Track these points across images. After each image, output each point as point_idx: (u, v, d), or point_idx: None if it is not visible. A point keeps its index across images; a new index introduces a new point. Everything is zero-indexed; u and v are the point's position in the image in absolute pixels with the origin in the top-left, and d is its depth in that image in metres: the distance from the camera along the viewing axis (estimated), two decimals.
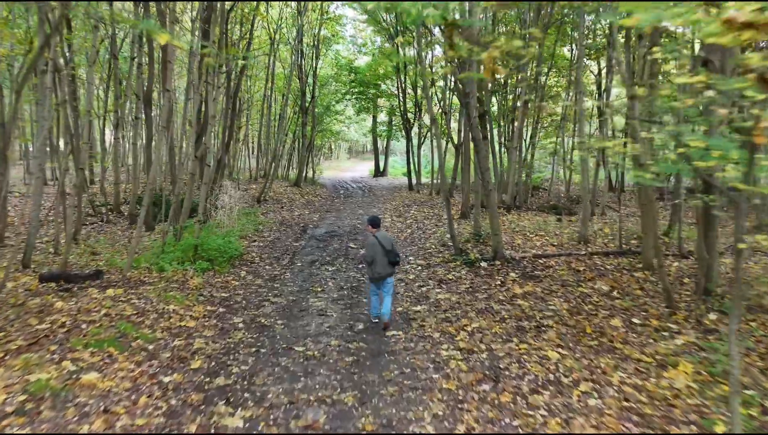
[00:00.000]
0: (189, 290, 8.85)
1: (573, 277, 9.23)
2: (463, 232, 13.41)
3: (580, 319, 7.03)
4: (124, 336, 6.43)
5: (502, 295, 8.31)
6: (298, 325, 7.51)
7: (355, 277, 10.32)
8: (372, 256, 7.26)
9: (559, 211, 17.16)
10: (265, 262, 11.73)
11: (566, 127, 28.73)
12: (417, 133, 30.99)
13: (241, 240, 13.84)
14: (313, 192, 27.32)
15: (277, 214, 18.98)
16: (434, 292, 8.91)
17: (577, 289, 8.40)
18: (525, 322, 6.99)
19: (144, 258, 10.95)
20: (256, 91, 32.47)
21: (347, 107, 39.63)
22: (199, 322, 7.39)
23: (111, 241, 15.05)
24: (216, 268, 10.63)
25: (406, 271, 10.61)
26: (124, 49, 25.33)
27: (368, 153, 74.26)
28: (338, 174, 46.85)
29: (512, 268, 10.08)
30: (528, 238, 12.74)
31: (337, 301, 8.68)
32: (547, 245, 11.98)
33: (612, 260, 10.35)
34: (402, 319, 7.61)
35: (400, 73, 28.88)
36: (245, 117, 31.87)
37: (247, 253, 12.41)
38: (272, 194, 23.96)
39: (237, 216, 16.10)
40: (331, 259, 12.07)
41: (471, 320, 7.23)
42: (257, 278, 10.24)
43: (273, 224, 16.75)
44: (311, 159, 34.23)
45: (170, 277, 9.56)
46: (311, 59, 28.18)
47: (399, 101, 29.94)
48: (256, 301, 8.70)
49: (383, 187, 32.43)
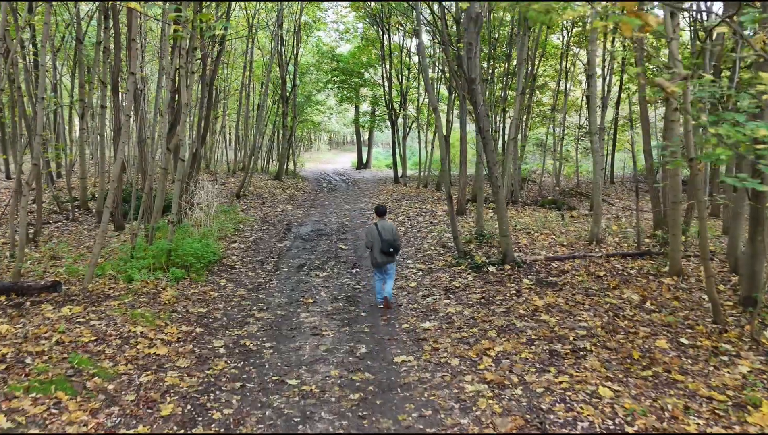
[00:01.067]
0: (161, 305, 7.66)
1: (595, 284, 8.28)
2: (462, 230, 12.39)
3: (621, 339, 6.05)
4: (78, 373, 5.25)
5: (521, 308, 7.30)
6: (289, 348, 6.40)
7: (349, 285, 9.23)
8: (371, 243, 7.81)
9: (559, 206, 16.26)
10: (247, 267, 10.56)
11: (555, 117, 27.97)
12: (402, 124, 29.88)
13: (220, 241, 12.63)
14: (295, 186, 26.07)
15: (258, 211, 17.75)
16: (442, 303, 7.87)
17: (605, 300, 7.44)
18: (557, 345, 5.99)
19: (110, 265, 9.70)
20: (234, 79, 30.97)
21: (329, 97, 38.29)
22: (173, 347, 6.23)
23: (75, 242, 13.72)
24: (192, 275, 9.44)
25: (406, 277, 9.55)
26: (91, 33, 23.72)
27: (349, 144, 72.85)
28: (320, 166, 45.53)
29: (524, 273, 9.09)
30: (534, 238, 11.78)
31: (332, 316, 7.59)
32: (556, 246, 11.03)
33: (632, 263, 9.44)
34: (410, 340, 6.56)
35: (386, 61, 27.68)
36: (222, 107, 30.38)
37: (227, 257, 11.22)
38: (252, 189, 22.66)
39: (215, 214, 14.86)
40: (320, 262, 10.95)
41: (493, 342, 6.20)
42: (239, 288, 9.08)
43: (254, 222, 15.53)
44: (293, 150, 32.89)
45: (139, 288, 8.35)
46: (292, 46, 26.81)
47: (384, 90, 28.76)
48: (239, 317, 7.56)
49: (368, 180, 31.30)
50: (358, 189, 26.33)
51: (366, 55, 31.94)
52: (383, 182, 29.65)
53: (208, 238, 11.81)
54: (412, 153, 45.41)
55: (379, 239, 7.63)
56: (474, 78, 9.18)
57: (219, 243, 12.35)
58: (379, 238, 7.63)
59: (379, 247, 7.65)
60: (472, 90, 9.22)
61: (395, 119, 28.48)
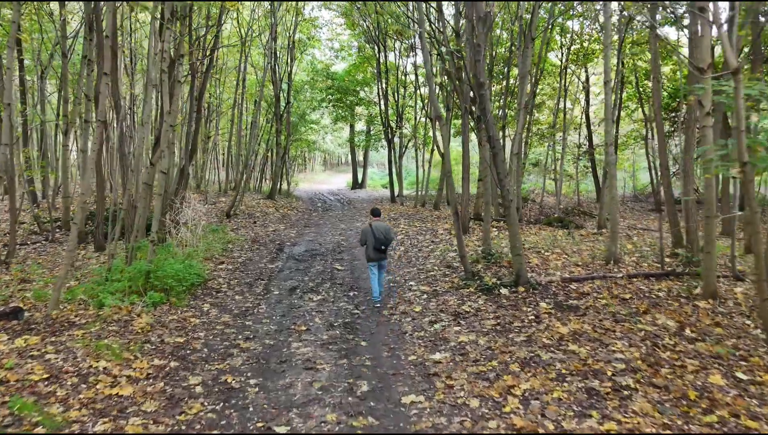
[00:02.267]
0: (132, 335, 6.72)
1: (622, 308, 7.40)
2: (467, 249, 11.51)
3: (667, 374, 5.16)
4: (18, 421, 4.31)
5: (544, 336, 6.40)
6: (278, 385, 5.47)
7: (347, 310, 8.30)
8: (365, 241, 8.63)
9: (566, 224, 15.45)
10: (234, 290, 9.62)
11: (554, 135, 27.41)
12: (398, 143, 29.21)
13: (206, 262, 11.70)
14: (289, 205, 25.20)
15: (249, 231, 16.84)
16: (452, 330, 6.96)
17: (637, 327, 6.55)
18: (594, 381, 5.09)
19: (82, 288, 8.76)
20: (227, 98, 30.31)
21: (323, 116, 37.69)
22: (140, 386, 5.28)
23: (51, 264, 12.76)
24: (172, 300, 8.49)
25: (409, 300, 8.64)
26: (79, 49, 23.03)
27: (344, 165, 72.20)
28: (314, 186, 44.74)
29: (540, 295, 8.20)
30: (545, 258, 10.92)
31: (328, 346, 6.66)
32: (570, 266, 10.17)
33: (657, 284, 8.58)
34: (419, 375, 5.63)
35: (382, 79, 27.10)
36: (215, 125, 29.65)
37: (212, 279, 10.28)
38: (244, 208, 21.77)
39: (202, 233, 13.94)
40: (314, 284, 10.03)
41: (517, 377, 5.29)
42: (224, 313, 8.13)
43: (244, 242, 14.61)
44: (287, 170, 32.10)
45: (110, 315, 7.40)
46: (286, 63, 26.20)
47: (380, 109, 28.13)
48: (222, 347, 6.61)
49: (363, 200, 30.47)
50: (354, 208, 25.48)
51: (362, 73, 31.42)
52: (379, 201, 28.83)
53: (192, 259, 10.89)
54: (408, 172, 44.76)
55: (373, 238, 8.44)
56: (482, 82, 8.42)
57: (205, 264, 11.42)
58: (373, 236, 8.45)
59: (372, 245, 8.46)
60: (481, 96, 8.45)
61: (391, 138, 27.81)
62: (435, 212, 21.28)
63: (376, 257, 8.48)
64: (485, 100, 8.43)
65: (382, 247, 8.42)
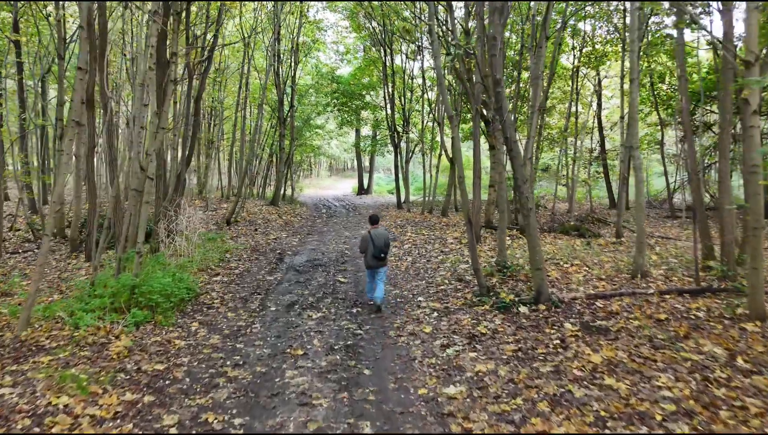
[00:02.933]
0: (106, 362, 5.96)
1: (659, 330, 6.57)
2: (480, 260, 10.70)
3: (727, 418, 4.33)
4: None
5: (574, 365, 5.58)
6: (266, 426, 4.68)
7: (349, 330, 7.50)
8: (364, 249, 8.51)
9: (582, 233, 14.59)
10: (227, 305, 8.85)
11: (565, 139, 26.60)
12: (405, 148, 28.47)
13: (201, 273, 10.96)
14: (292, 211, 24.47)
15: (250, 239, 16.10)
16: (468, 357, 6.15)
17: (680, 355, 5.72)
18: (642, 428, 4.27)
19: (62, 304, 8.03)
20: (230, 104, 29.69)
21: (329, 120, 37.00)
22: (104, 428, 4.50)
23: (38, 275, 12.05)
24: (158, 318, 7.74)
25: (418, 318, 7.84)
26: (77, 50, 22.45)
27: (349, 170, 71.53)
28: (319, 192, 44.08)
29: (564, 314, 7.39)
30: (564, 270, 10.10)
31: (327, 376, 5.86)
32: (593, 280, 9.34)
33: (694, 302, 7.74)
34: (432, 415, 4.82)
35: (388, 82, 26.39)
36: (218, 129, 29.02)
37: (205, 293, 9.52)
38: (245, 214, 21.06)
39: (200, 242, 13.22)
40: (315, 299, 9.24)
41: (547, 421, 4.48)
42: (213, 333, 7.36)
43: (243, 251, 13.86)
44: (291, 175, 31.41)
45: (85, 337, 6.66)
46: (289, 67, 25.52)
47: (386, 113, 27.41)
48: (206, 376, 5.83)
49: (369, 206, 29.73)
50: (359, 215, 24.73)
51: (367, 76, 30.72)
52: (385, 208, 28.08)
53: (184, 271, 10.14)
54: (414, 178, 43.94)
55: (372, 246, 8.33)
56: (499, 80, 7.64)
57: (198, 276, 10.67)
58: (372, 244, 8.33)
59: (371, 253, 8.35)
60: (497, 94, 7.67)
61: (398, 142, 27.06)
62: (443, 219, 20.48)
63: (375, 265, 8.44)
64: (502, 98, 7.65)
65: (381, 255, 8.37)
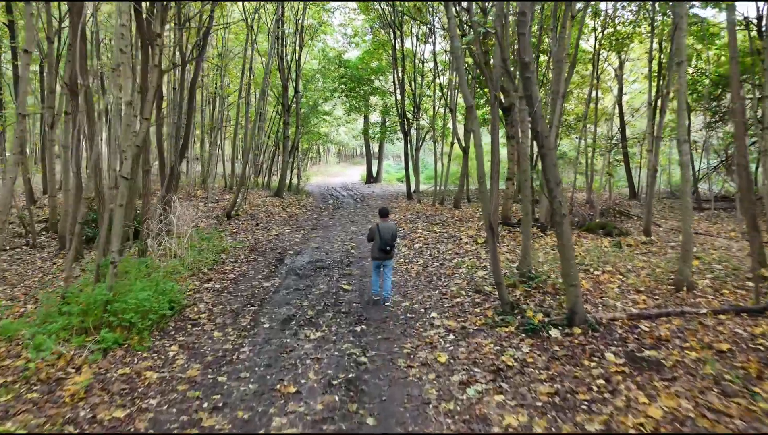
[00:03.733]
0: (56, 406, 4.94)
1: (723, 367, 5.43)
2: (501, 265, 9.59)
3: None
4: None
5: (629, 422, 4.47)
6: None
7: (352, 356, 6.41)
8: (371, 239, 8.50)
9: (609, 230, 13.37)
10: (215, 321, 7.82)
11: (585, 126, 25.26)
12: (415, 135, 27.25)
13: (191, 279, 9.96)
14: (298, 203, 23.43)
15: (249, 235, 15.07)
16: (493, 402, 5.06)
17: (759, 407, 4.59)
18: None
19: (23, 323, 7.05)
20: (234, 90, 28.55)
21: (336, 106, 35.76)
22: None
23: (19, 277, 11.17)
24: (133, 340, 6.74)
25: (431, 342, 6.74)
26: None
27: (358, 157, 70.26)
28: (327, 180, 43.00)
29: (604, 340, 6.28)
30: (596, 279, 8.96)
31: (321, 426, 4.80)
32: (631, 292, 8.20)
33: (757, 326, 6.57)
34: None
35: (398, 67, 25.10)
36: (221, 116, 27.92)
37: (192, 305, 8.51)
38: (247, 207, 20.03)
39: (194, 241, 12.22)
40: (314, 313, 8.18)
41: None
42: (194, 361, 6.32)
43: (241, 251, 12.84)
44: (297, 164, 30.32)
45: (37, 371, 5.65)
46: (294, 51, 24.28)
47: (396, 99, 26.14)
48: (176, 426, 4.80)
49: (378, 196, 28.61)
50: (367, 206, 23.64)
51: (376, 60, 29.40)
52: (394, 198, 26.95)
53: (171, 278, 9.13)
54: (425, 166, 42.70)
55: (379, 239, 8.31)
56: (528, 62, 6.46)
57: (187, 282, 9.67)
58: (379, 237, 8.31)
59: (378, 246, 8.34)
60: (526, 79, 6.49)
61: (408, 129, 25.82)
62: (455, 212, 19.33)
63: (380, 257, 8.42)
64: (531, 85, 6.47)
65: (387, 248, 8.32)
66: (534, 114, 6.46)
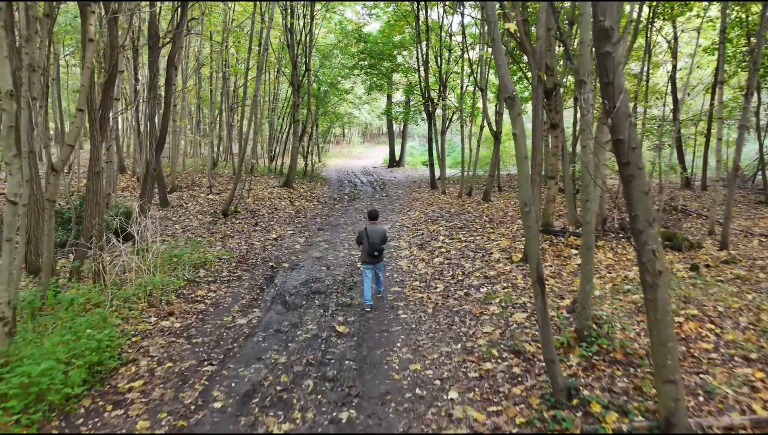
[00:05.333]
0: None
1: None
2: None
3: None
4: None
5: None
6: None
7: None
8: (360, 243, 8.37)
9: (678, 243, 10.71)
10: (150, 396, 5.65)
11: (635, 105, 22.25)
12: (441, 116, 24.62)
13: (147, 313, 7.84)
14: (309, 193, 21.24)
15: (243, 240, 12.94)
16: None
17: None
18: None
19: None
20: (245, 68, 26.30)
21: (356, 84, 33.20)
22: None
23: None
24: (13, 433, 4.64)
25: None
26: None
27: (383, 136, 67.40)
28: (348, 163, 40.75)
29: None
30: (677, 328, 6.50)
31: None
32: (735, 357, 5.74)
33: None
34: None
35: (422, 41, 22.44)
36: (235, 96, 25.75)
37: (131, 362, 6.38)
38: (250, 200, 17.92)
39: (173, 251, 10.16)
40: (290, 379, 5.94)
41: None
42: None
43: (226, 264, 10.72)
44: (312, 148, 28.04)
45: None
46: (304, 26, 21.78)
47: (419, 76, 23.51)
48: None
49: (399, 183, 26.23)
50: (386, 197, 21.31)
51: (399, 34, 26.65)
52: (417, 186, 24.53)
53: (111, 322, 7.00)
54: (452, 148, 39.90)
55: (367, 243, 8.13)
56: (609, 28, 4.01)
57: (139, 319, 7.56)
58: (367, 241, 8.13)
59: (366, 250, 8.14)
60: (603, 56, 4.06)
61: (432, 111, 23.21)
62: (484, 207, 16.86)
63: (369, 261, 8.23)
64: (613, 65, 4.00)
65: (375, 253, 8.13)
66: (616, 113, 4.01)
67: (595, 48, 4.14)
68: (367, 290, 8.15)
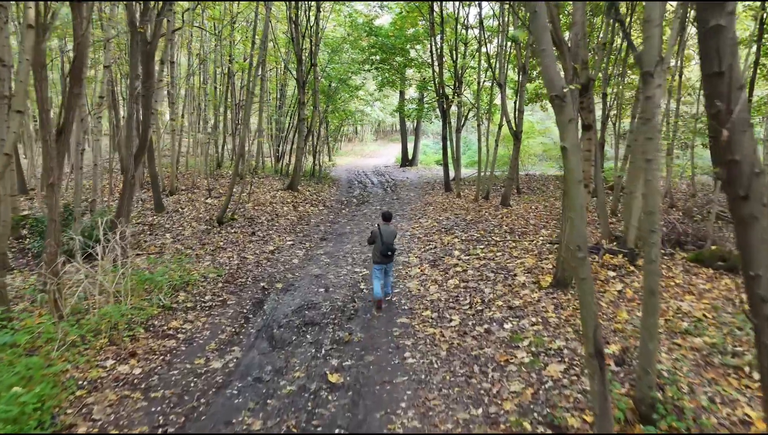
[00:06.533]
0: None
1: None
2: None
3: None
4: None
5: None
6: None
7: None
8: (372, 242, 8.33)
9: (734, 264, 9.17)
10: None
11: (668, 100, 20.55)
12: (456, 113, 23.11)
13: (104, 353, 6.56)
14: (315, 196, 19.91)
15: (236, 254, 11.65)
16: None
17: None
18: None
19: None
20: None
21: (367, 80, 31.75)
22: None
23: None
24: None
25: None
26: None
27: (396, 133, 65.76)
28: (360, 161, 39.39)
29: None
30: None
31: None
32: None
33: None
34: None
35: (436, 33, 20.95)
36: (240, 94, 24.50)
37: (66, 429, 5.08)
38: (250, 206, 16.64)
39: (144, 273, 8.87)
40: None
41: None
42: None
43: (211, 285, 9.42)
44: (320, 147, 26.71)
45: None
46: (310, 18, 20.40)
47: (433, 72, 22.03)
48: None
49: (412, 184, 24.82)
50: (397, 200, 19.93)
51: (411, 26, 25.14)
52: (431, 188, 23.09)
53: (30, 385, 5.69)
54: (467, 146, 38.29)
55: (381, 242, 8.09)
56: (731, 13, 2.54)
57: (92, 363, 6.27)
58: (381, 241, 8.09)
59: (380, 249, 8.11)
60: (723, 42, 2.58)
61: (447, 108, 21.72)
62: (503, 212, 15.40)
63: (382, 261, 8.20)
64: (728, 44, 2.57)
65: (388, 253, 8.13)
66: (733, 123, 2.58)
67: (698, 22, 2.70)
68: (377, 287, 8.19)
